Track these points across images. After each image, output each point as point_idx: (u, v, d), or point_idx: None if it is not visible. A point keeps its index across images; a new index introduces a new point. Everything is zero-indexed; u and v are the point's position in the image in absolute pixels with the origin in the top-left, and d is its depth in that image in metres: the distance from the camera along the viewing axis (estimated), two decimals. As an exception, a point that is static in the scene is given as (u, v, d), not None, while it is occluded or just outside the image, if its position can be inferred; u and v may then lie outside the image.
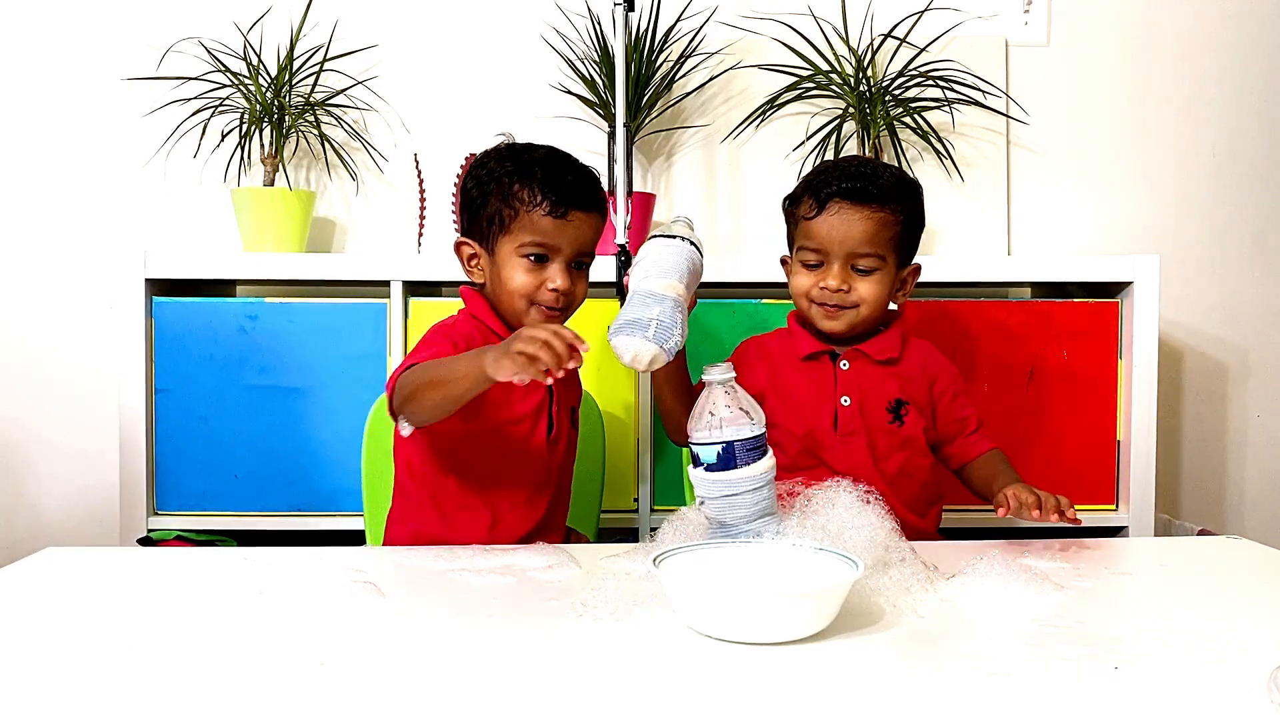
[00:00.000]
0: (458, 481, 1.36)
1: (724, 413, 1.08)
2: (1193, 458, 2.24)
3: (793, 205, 1.44)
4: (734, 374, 1.11)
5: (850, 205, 1.37)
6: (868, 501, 1.09)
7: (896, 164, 2.02)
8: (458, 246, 1.40)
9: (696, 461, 1.10)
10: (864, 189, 1.36)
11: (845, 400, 1.41)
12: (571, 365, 1.08)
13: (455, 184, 1.88)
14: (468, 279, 1.42)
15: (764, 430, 1.10)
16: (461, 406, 1.21)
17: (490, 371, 1.12)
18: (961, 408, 1.46)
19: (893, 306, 1.47)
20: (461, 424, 1.30)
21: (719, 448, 1.07)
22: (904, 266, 1.44)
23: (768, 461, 1.09)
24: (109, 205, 2.16)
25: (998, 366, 1.87)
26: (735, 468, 1.07)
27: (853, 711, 0.75)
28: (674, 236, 1.26)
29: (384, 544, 1.41)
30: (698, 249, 1.27)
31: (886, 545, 1.05)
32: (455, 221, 1.70)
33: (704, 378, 1.11)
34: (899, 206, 1.39)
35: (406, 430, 1.27)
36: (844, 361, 1.43)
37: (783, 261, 1.50)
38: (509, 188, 1.34)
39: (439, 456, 1.36)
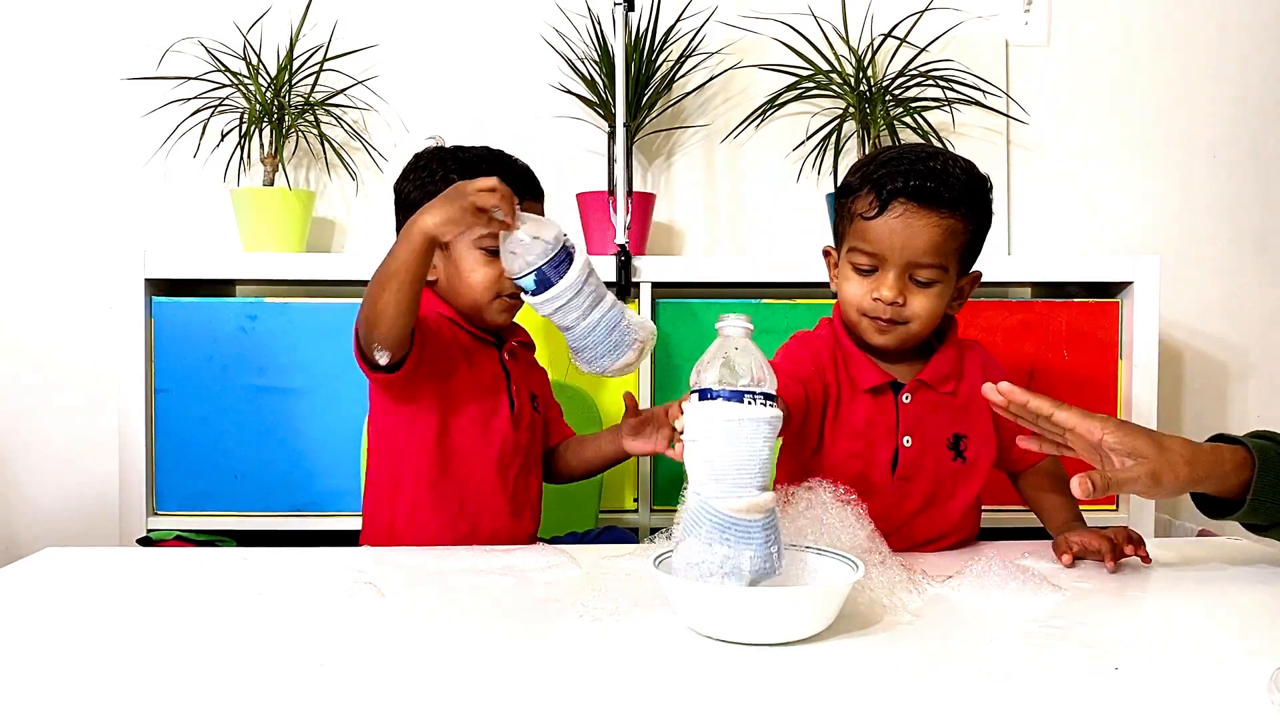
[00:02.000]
0: (427, 469, 1.35)
1: (522, 249, 1.22)
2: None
3: (847, 197, 1.24)
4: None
5: (916, 208, 1.18)
6: (846, 503, 1.09)
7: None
8: None
9: (523, 291, 1.25)
10: (935, 191, 1.18)
11: (907, 441, 1.25)
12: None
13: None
14: None
15: (561, 244, 1.23)
16: (414, 305, 1.23)
17: (435, 231, 1.18)
18: None
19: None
20: (426, 413, 1.33)
21: (533, 275, 1.22)
22: (964, 275, 1.27)
23: (578, 263, 1.24)
24: (109, 205, 2.16)
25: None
26: (552, 284, 1.22)
27: (853, 712, 0.75)
28: (743, 394, 0.91)
29: (361, 541, 1.41)
30: (773, 399, 0.93)
31: (866, 548, 1.05)
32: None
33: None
34: (968, 212, 1.22)
35: (385, 358, 1.26)
36: (906, 395, 1.26)
37: (825, 253, 1.33)
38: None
39: (407, 448, 1.36)
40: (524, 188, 1.37)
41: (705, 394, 0.92)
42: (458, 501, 1.36)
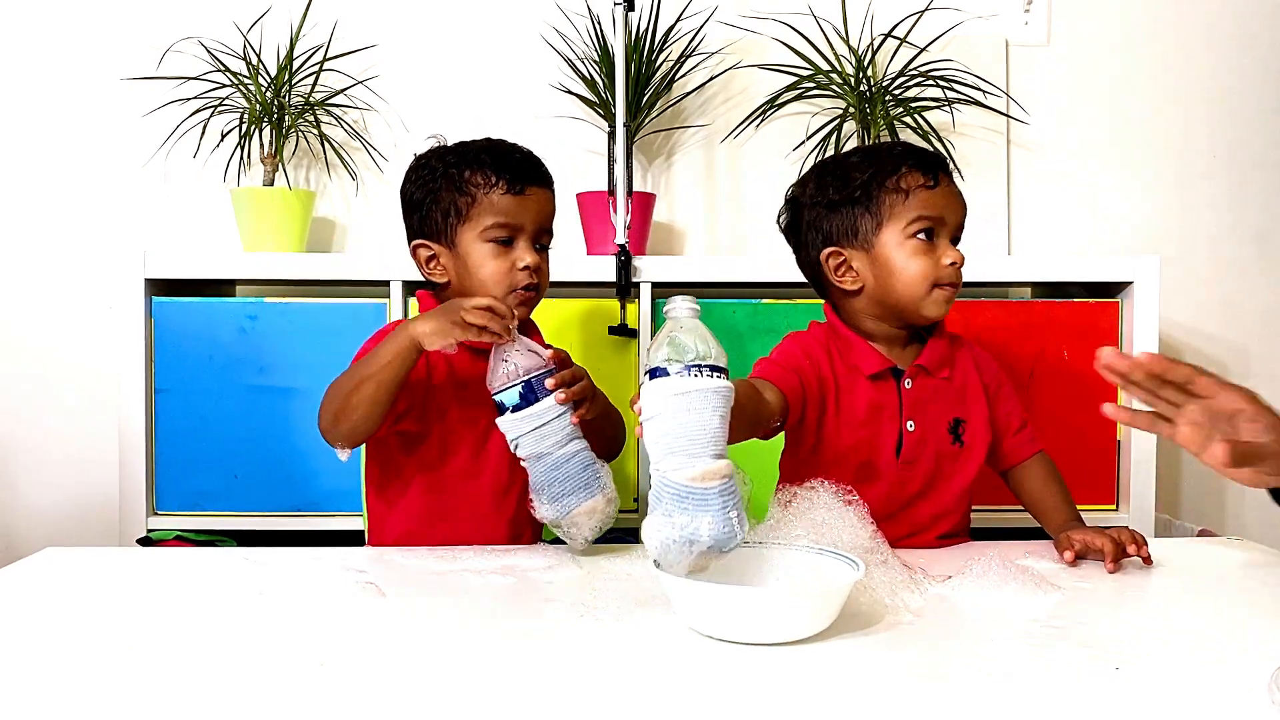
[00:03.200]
0: (426, 478, 1.33)
1: (516, 357, 1.17)
2: (1193, 458, 2.23)
3: (887, 177, 1.30)
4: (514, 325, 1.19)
5: (949, 179, 1.32)
6: (849, 502, 1.09)
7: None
8: (414, 250, 1.36)
9: (501, 410, 1.18)
10: (946, 165, 1.34)
11: (910, 425, 1.30)
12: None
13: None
14: (427, 281, 1.39)
15: (552, 366, 1.19)
16: (396, 400, 1.22)
17: (426, 342, 1.17)
18: (1007, 400, 1.39)
19: None
20: (417, 422, 1.30)
21: (519, 387, 1.17)
22: None
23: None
24: (109, 205, 2.16)
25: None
26: (538, 400, 1.17)
27: (853, 711, 0.75)
28: (689, 368, 0.93)
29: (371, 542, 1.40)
30: (721, 372, 0.95)
31: (868, 547, 1.05)
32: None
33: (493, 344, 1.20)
34: None
35: (345, 455, 1.25)
36: (907, 380, 1.32)
37: (830, 256, 1.33)
38: (459, 177, 1.31)
39: (403, 459, 1.33)
40: (528, 174, 1.33)
41: (654, 373, 0.95)
42: (451, 523, 1.33)
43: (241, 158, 2.08)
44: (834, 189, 1.32)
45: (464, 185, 1.31)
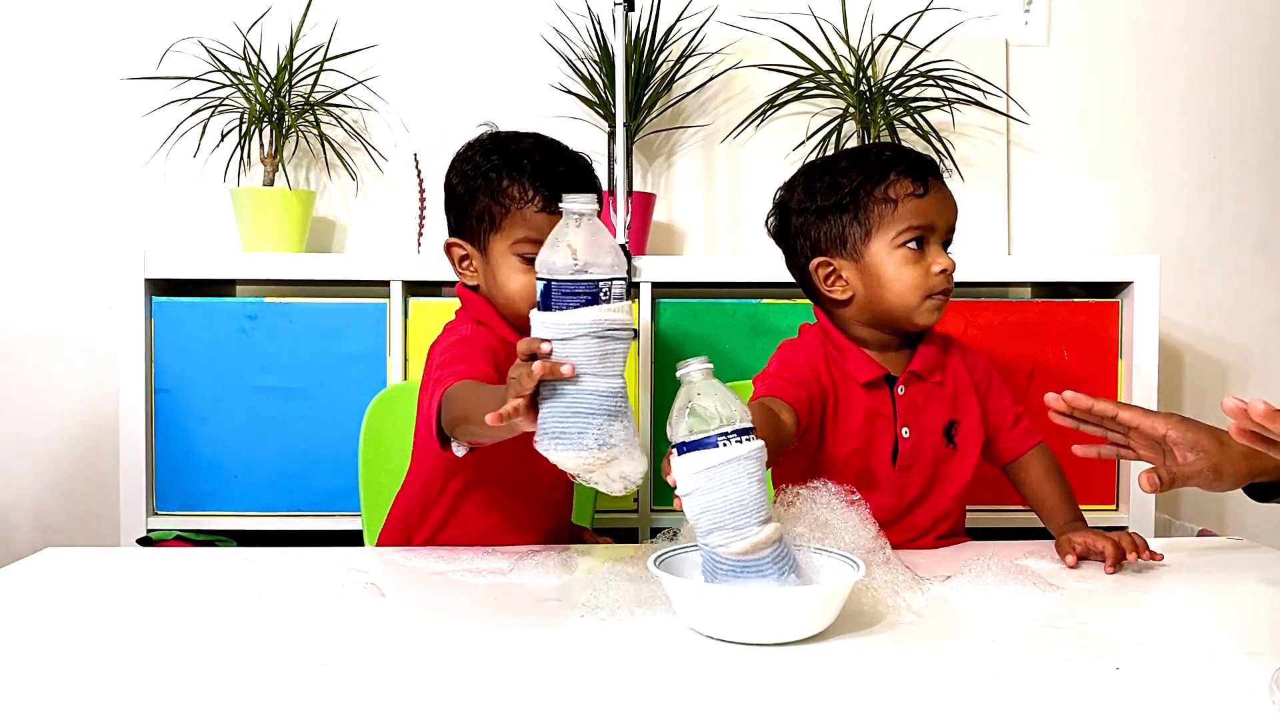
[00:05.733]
0: (467, 486, 1.31)
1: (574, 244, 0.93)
2: (1193, 458, 2.24)
3: (874, 187, 1.28)
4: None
5: (940, 184, 1.30)
6: (851, 503, 1.09)
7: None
8: (448, 248, 1.33)
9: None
10: (936, 168, 1.32)
11: (905, 432, 1.30)
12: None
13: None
14: (463, 281, 1.35)
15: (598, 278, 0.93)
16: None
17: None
18: (999, 398, 1.38)
19: None
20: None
21: (541, 283, 0.93)
22: None
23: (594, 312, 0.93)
24: (108, 205, 2.16)
25: (998, 366, 1.86)
26: (552, 309, 0.93)
27: (853, 711, 0.75)
28: (717, 438, 0.90)
29: (381, 540, 1.40)
30: (749, 433, 0.92)
31: (870, 548, 1.05)
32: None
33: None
34: None
35: (461, 451, 1.13)
36: (901, 387, 1.31)
37: (819, 266, 1.31)
38: (498, 183, 1.27)
39: (446, 464, 1.29)
40: (571, 187, 1.18)
41: (681, 448, 0.92)
42: (499, 523, 1.32)
43: (241, 158, 2.08)
44: (821, 195, 1.31)
45: (500, 194, 1.27)
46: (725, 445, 0.90)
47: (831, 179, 1.31)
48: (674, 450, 0.93)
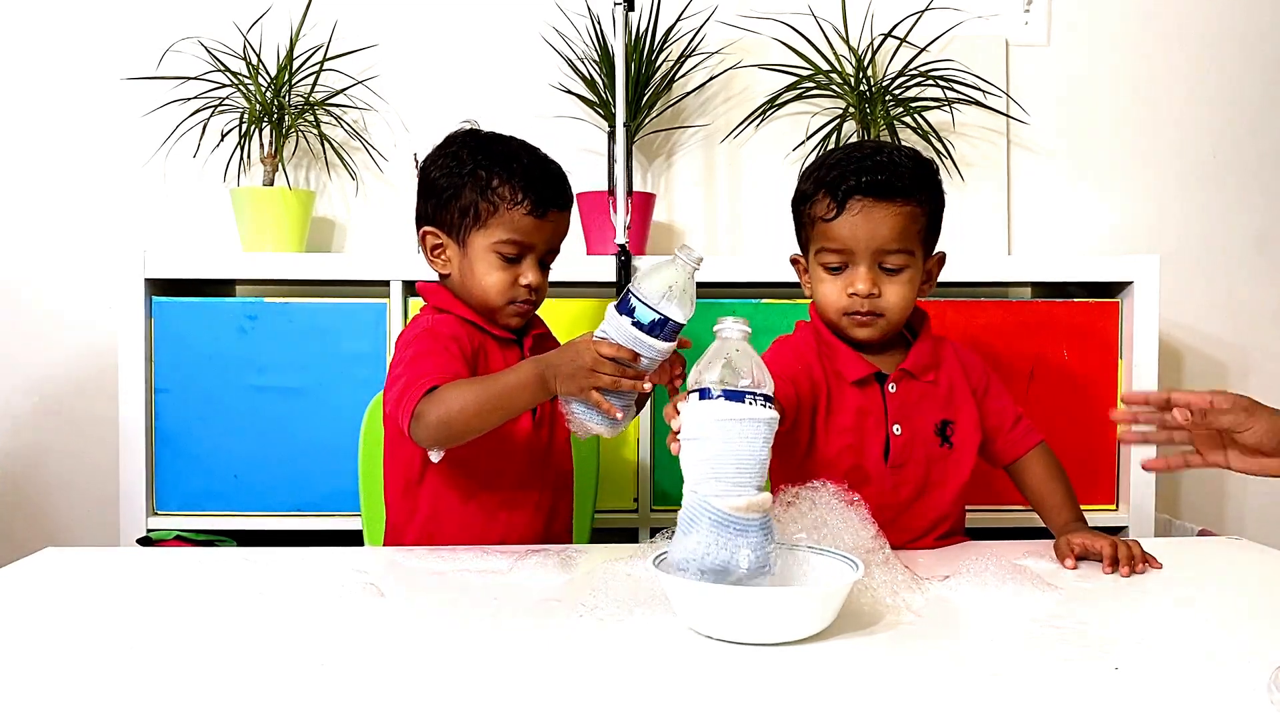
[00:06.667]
0: (449, 485, 1.32)
1: (678, 291, 1.07)
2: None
3: (804, 204, 1.30)
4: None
5: (873, 202, 1.23)
6: (850, 503, 1.09)
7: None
8: (422, 235, 1.35)
9: (629, 313, 1.08)
10: (887, 183, 1.23)
11: (897, 429, 1.29)
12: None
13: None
14: (431, 268, 1.37)
15: (682, 322, 1.08)
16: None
17: (561, 390, 1.14)
18: (998, 398, 1.37)
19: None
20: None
21: (656, 315, 1.06)
22: (929, 257, 1.31)
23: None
24: (108, 205, 2.16)
25: (998, 366, 1.86)
26: (656, 337, 1.08)
27: (853, 711, 0.75)
28: (744, 394, 0.93)
29: (386, 541, 1.40)
30: (772, 401, 0.95)
31: (869, 547, 1.05)
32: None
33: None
34: (923, 196, 1.26)
35: (437, 456, 1.22)
36: (891, 384, 1.30)
37: (793, 262, 1.37)
38: (487, 181, 1.29)
39: (428, 466, 1.31)
40: (553, 198, 1.31)
41: (705, 393, 0.93)
42: (483, 525, 1.32)
43: (241, 158, 2.08)
44: (794, 194, 1.34)
45: (488, 192, 1.29)
46: (751, 404, 0.92)
47: (808, 172, 1.33)
48: (693, 394, 0.94)
